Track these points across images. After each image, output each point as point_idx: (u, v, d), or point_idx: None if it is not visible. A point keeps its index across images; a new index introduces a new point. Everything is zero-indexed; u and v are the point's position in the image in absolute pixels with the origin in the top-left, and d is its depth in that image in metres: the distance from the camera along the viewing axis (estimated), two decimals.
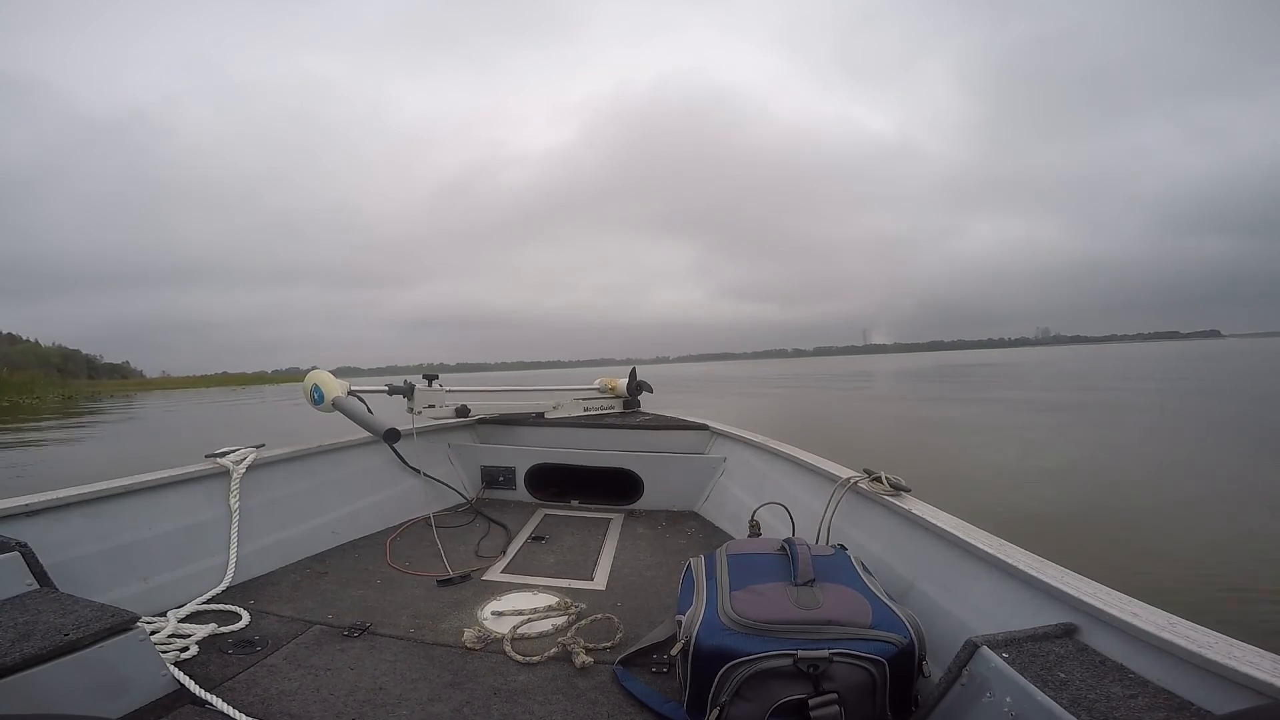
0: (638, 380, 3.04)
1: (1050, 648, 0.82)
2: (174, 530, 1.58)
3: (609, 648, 1.30)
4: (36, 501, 1.35)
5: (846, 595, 1.01)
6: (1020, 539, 1.08)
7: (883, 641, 0.92)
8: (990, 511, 4.36)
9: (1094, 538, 3.89)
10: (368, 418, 1.84)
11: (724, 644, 0.95)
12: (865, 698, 0.91)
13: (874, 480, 1.41)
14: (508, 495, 2.52)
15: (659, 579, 1.70)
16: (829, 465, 1.69)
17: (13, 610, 1.04)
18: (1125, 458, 6.66)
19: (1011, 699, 0.76)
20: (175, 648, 1.25)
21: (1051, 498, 4.95)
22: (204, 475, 1.69)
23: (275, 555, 1.78)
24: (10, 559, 1.14)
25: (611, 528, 2.17)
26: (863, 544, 1.37)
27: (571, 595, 1.56)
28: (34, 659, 0.91)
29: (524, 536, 2.09)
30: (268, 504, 1.82)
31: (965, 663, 0.84)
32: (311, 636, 1.35)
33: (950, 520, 1.20)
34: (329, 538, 1.96)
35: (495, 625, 1.40)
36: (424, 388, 2.28)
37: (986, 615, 1.01)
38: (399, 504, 2.21)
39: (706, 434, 2.50)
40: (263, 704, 1.08)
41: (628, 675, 1.17)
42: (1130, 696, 0.71)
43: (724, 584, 1.08)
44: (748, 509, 1.68)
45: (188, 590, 1.52)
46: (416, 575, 1.73)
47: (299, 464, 1.99)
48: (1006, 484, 5.51)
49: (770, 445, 2.08)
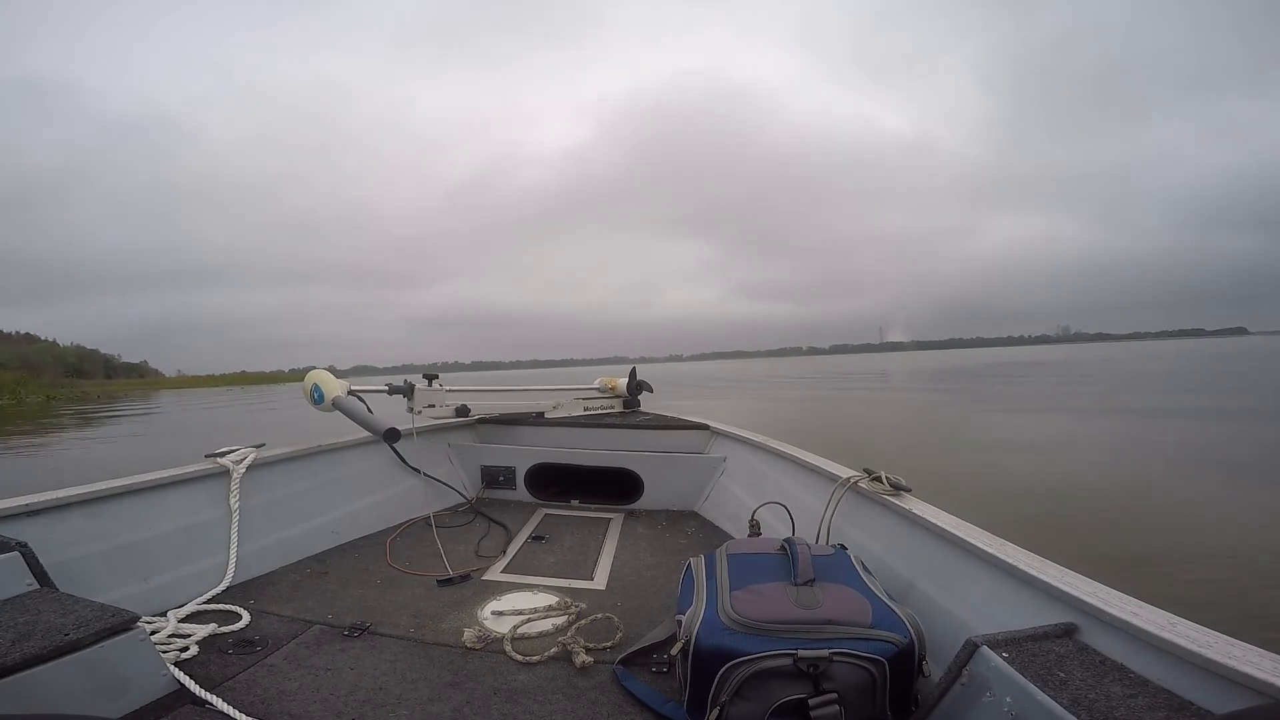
0: (638, 380, 3.04)
1: (1050, 647, 0.82)
2: (174, 530, 1.58)
3: (609, 647, 1.30)
4: (36, 501, 1.35)
5: (846, 595, 1.01)
6: (1022, 539, 1.08)
7: (883, 641, 0.92)
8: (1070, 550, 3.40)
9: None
10: (368, 417, 1.84)
11: (724, 644, 0.95)
12: (865, 697, 0.91)
13: (874, 480, 1.41)
14: (508, 495, 2.52)
15: (659, 579, 1.70)
16: (829, 465, 1.69)
17: (13, 610, 1.04)
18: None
19: (1011, 699, 0.76)
20: (175, 648, 1.25)
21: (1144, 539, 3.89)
22: (204, 475, 1.70)
23: (275, 555, 1.78)
24: (10, 559, 1.15)
25: (611, 527, 2.17)
26: (863, 544, 1.37)
27: (571, 595, 1.56)
28: (34, 659, 0.91)
29: (524, 536, 2.09)
30: (268, 504, 1.82)
31: (965, 662, 0.84)
32: (312, 636, 1.35)
33: (950, 520, 1.19)
34: (329, 537, 1.96)
35: (495, 625, 1.41)
36: (424, 387, 2.28)
37: (986, 615, 1.01)
38: (399, 504, 2.21)
39: (706, 434, 2.50)
40: (263, 704, 1.08)
41: (628, 675, 1.17)
42: (1130, 696, 0.71)
43: (724, 584, 1.08)
44: (748, 509, 1.68)
45: (188, 590, 1.52)
46: (416, 575, 1.73)
47: (299, 464, 1.99)
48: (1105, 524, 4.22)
49: (770, 445, 2.08)
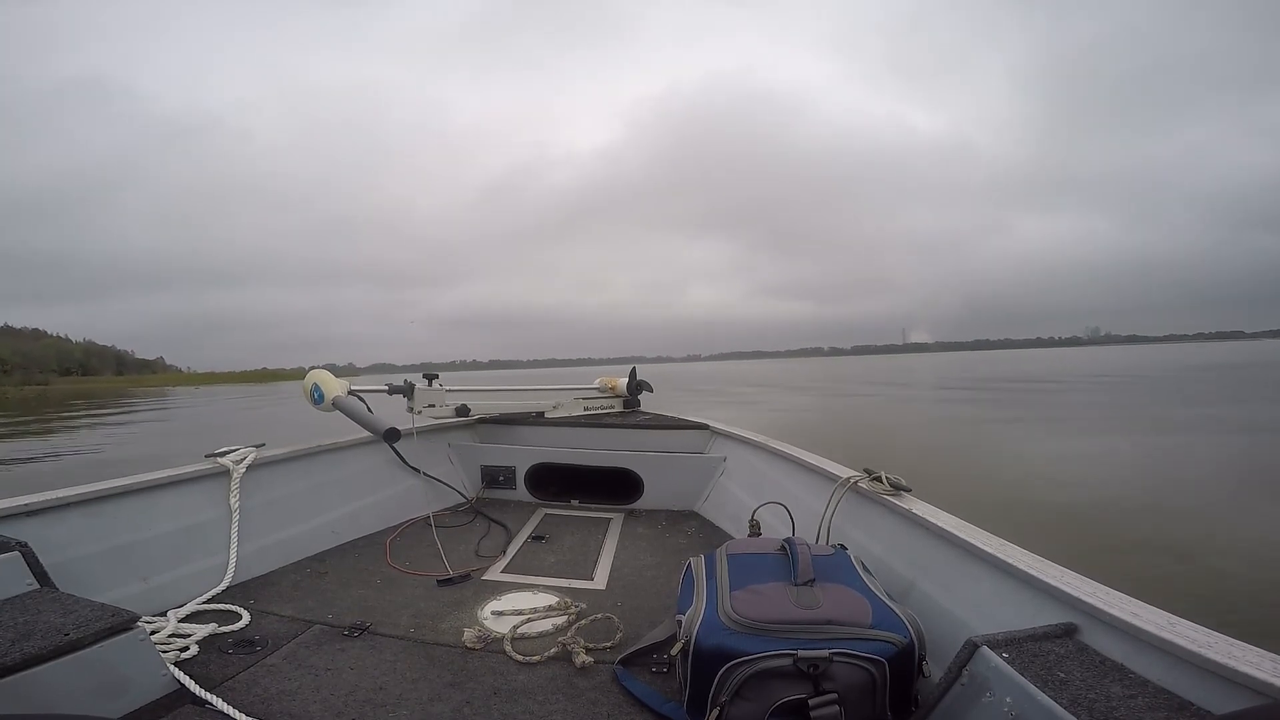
0: (638, 380, 3.04)
1: (1050, 648, 0.82)
2: (174, 530, 1.58)
3: (609, 647, 1.30)
4: (37, 501, 1.35)
5: (846, 595, 1.01)
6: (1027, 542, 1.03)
7: (883, 641, 0.92)
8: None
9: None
10: (368, 417, 1.84)
11: (724, 644, 0.95)
12: (865, 697, 0.91)
13: (874, 480, 1.41)
14: (508, 495, 2.52)
15: (659, 579, 1.70)
16: (829, 465, 1.69)
17: (13, 610, 1.04)
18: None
19: (1011, 699, 0.76)
20: (175, 647, 1.25)
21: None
22: (204, 475, 1.69)
23: (275, 555, 1.78)
24: (10, 559, 1.14)
25: (611, 527, 2.17)
26: (863, 544, 1.36)
27: (571, 595, 1.56)
28: (34, 659, 0.91)
29: (524, 536, 2.09)
30: (268, 504, 1.82)
31: (965, 662, 0.84)
32: (312, 636, 1.35)
33: (951, 520, 1.19)
34: (329, 537, 1.96)
35: (495, 625, 1.40)
36: (424, 387, 2.28)
37: (987, 615, 1.01)
38: (399, 504, 2.21)
39: (706, 433, 2.50)
40: (263, 704, 1.08)
41: (628, 675, 1.16)
42: (1130, 696, 0.71)
43: (724, 584, 1.08)
44: (748, 509, 1.68)
45: (188, 590, 1.52)
46: (416, 575, 1.73)
47: (299, 464, 1.99)
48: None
49: (770, 445, 2.08)
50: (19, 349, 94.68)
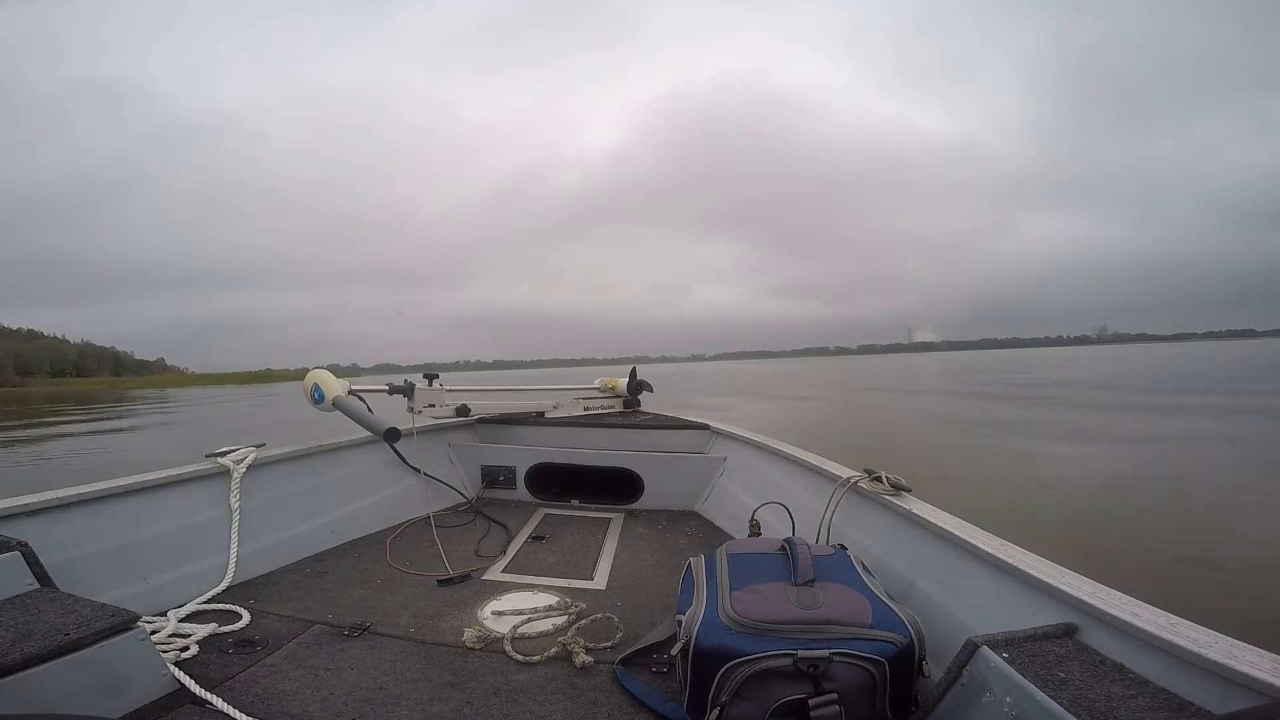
0: (638, 380, 3.04)
1: (1050, 648, 0.82)
2: (174, 530, 1.58)
3: (609, 647, 1.30)
4: (37, 501, 1.35)
5: (847, 595, 1.01)
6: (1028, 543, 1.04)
7: (883, 641, 0.92)
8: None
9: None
10: (368, 417, 1.84)
11: (724, 644, 0.95)
12: (865, 697, 0.91)
13: (874, 480, 1.41)
14: (508, 495, 2.52)
15: (659, 579, 1.70)
16: (829, 465, 1.69)
17: (13, 610, 1.04)
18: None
19: (1011, 699, 0.76)
20: (175, 647, 1.25)
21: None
22: (204, 475, 1.70)
23: (275, 555, 1.78)
24: (10, 559, 1.15)
25: (612, 527, 2.17)
26: (863, 544, 1.37)
27: (571, 595, 1.56)
28: (34, 659, 0.91)
29: (524, 536, 2.09)
30: (268, 503, 1.82)
31: (965, 663, 0.84)
32: (312, 636, 1.35)
33: (951, 520, 1.19)
34: (329, 537, 1.96)
35: (495, 625, 1.41)
36: (424, 387, 2.28)
37: (987, 615, 1.01)
38: (399, 504, 2.21)
39: (707, 433, 2.51)
40: (263, 704, 1.08)
41: (628, 675, 1.17)
42: (1130, 696, 0.71)
43: (724, 584, 1.08)
44: (748, 509, 1.68)
45: (188, 590, 1.52)
46: (416, 575, 1.73)
47: (299, 464, 1.99)
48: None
49: (770, 445, 2.08)
50: (11, 350, 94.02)
